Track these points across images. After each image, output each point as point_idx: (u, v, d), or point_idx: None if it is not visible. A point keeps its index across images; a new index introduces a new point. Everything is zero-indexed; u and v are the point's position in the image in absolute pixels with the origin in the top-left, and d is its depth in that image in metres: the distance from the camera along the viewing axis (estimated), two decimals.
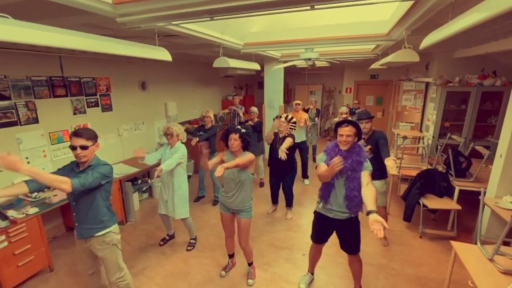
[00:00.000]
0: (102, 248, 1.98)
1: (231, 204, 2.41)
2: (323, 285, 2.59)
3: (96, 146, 1.91)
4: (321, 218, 2.26)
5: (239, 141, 2.28)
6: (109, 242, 1.99)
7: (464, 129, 4.55)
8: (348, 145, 2.03)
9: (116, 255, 2.06)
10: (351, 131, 2.01)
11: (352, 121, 2.06)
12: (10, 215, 2.53)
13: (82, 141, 1.79)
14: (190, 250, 3.08)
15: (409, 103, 5.62)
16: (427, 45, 1.88)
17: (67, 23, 2.21)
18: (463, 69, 4.65)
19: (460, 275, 2.53)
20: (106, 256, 2.01)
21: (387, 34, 3.00)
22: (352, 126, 2.02)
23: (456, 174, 3.35)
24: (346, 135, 2.01)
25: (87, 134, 1.84)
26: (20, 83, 2.97)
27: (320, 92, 8.86)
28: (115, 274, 2.07)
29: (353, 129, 2.01)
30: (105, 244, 1.98)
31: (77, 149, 1.79)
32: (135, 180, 4.21)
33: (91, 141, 1.85)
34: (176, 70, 5.55)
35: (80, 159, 1.83)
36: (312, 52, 3.63)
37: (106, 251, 2.00)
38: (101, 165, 1.88)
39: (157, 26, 2.19)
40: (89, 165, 1.88)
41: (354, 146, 2.06)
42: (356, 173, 2.02)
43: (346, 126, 2.02)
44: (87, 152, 1.83)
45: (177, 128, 2.91)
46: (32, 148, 3.14)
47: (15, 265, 2.46)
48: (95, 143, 1.90)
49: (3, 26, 1.16)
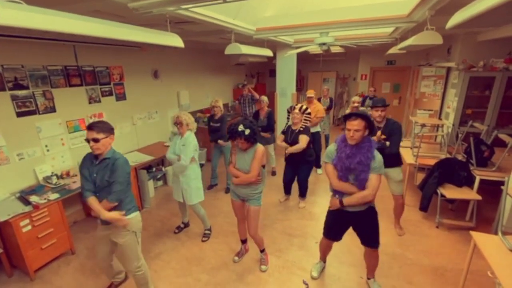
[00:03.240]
0: (123, 234, 2.03)
1: (240, 191, 2.43)
2: (336, 273, 2.59)
3: (110, 139, 1.93)
4: (337, 213, 2.15)
5: (245, 143, 2.26)
6: (129, 229, 2.04)
7: (487, 116, 4.33)
8: (355, 140, 1.88)
9: (135, 243, 2.10)
10: (359, 125, 1.84)
11: (361, 114, 1.89)
12: (33, 200, 2.64)
13: (94, 134, 1.84)
14: (205, 241, 3.11)
15: (428, 89, 5.38)
16: (454, 24, 1.76)
17: (79, 10, 2.20)
18: (488, 53, 4.37)
19: (478, 266, 2.46)
20: (126, 243, 2.05)
21: (408, 15, 2.83)
22: (361, 119, 1.85)
23: (477, 163, 3.21)
24: (354, 130, 1.85)
25: (99, 128, 1.87)
26: (37, 73, 3.03)
27: (334, 80, 8.62)
28: (133, 263, 2.11)
29: (362, 122, 1.84)
30: (125, 230, 2.03)
31: (90, 142, 1.85)
32: (150, 168, 4.30)
33: (103, 134, 1.87)
34: (188, 58, 5.52)
35: (94, 151, 1.89)
36: (327, 36, 3.50)
37: (126, 238, 2.04)
38: (120, 164, 1.91)
39: (169, 11, 2.15)
40: (104, 158, 1.92)
41: (364, 141, 1.91)
42: (365, 169, 1.90)
43: (354, 119, 1.85)
44: (99, 144, 1.86)
45: (187, 117, 2.87)
46: (51, 136, 3.24)
47: (39, 247, 2.58)
48: (109, 135, 1.91)
49: (17, 12, 1.16)
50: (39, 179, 3.09)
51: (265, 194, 4.06)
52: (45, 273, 2.66)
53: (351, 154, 1.92)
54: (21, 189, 2.93)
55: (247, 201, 2.47)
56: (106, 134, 1.89)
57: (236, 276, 2.57)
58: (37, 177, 3.10)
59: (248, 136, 2.21)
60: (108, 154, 1.94)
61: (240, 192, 2.45)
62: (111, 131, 1.94)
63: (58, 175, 3.15)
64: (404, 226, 3.20)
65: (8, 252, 2.61)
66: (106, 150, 1.93)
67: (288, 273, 2.59)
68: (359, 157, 1.89)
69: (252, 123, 2.27)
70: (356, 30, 3.43)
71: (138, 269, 2.16)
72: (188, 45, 3.50)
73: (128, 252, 2.08)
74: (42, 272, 2.66)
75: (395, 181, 2.88)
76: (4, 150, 2.82)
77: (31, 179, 3.08)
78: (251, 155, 2.33)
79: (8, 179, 2.87)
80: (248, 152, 2.34)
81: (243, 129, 2.19)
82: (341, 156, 1.97)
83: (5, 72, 2.77)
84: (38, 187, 2.96)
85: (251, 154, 2.33)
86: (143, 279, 2.22)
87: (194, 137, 2.92)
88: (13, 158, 2.91)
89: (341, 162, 1.97)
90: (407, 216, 3.42)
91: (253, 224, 2.49)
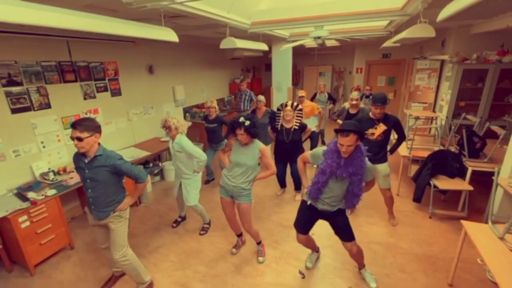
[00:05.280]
0: (116, 221, 2.12)
1: (230, 188, 2.43)
2: (331, 262, 2.65)
3: (96, 137, 1.91)
4: (307, 207, 2.23)
5: (245, 135, 2.29)
6: (123, 215, 2.14)
7: (480, 108, 4.39)
8: (348, 154, 1.92)
9: (125, 229, 2.18)
10: (351, 140, 1.84)
11: (353, 130, 1.84)
12: (30, 196, 2.65)
13: (77, 133, 1.82)
14: (202, 234, 3.15)
15: (423, 82, 5.42)
16: (445, 16, 1.78)
17: (71, 4, 2.18)
18: (481, 45, 4.41)
19: (469, 254, 2.54)
20: (117, 229, 2.12)
21: (401, 8, 2.85)
22: (353, 134, 1.84)
23: (469, 154, 3.28)
24: (347, 145, 1.87)
25: (83, 126, 1.84)
26: (30, 69, 3.00)
27: (330, 73, 8.63)
28: (120, 250, 2.13)
29: (354, 137, 1.84)
30: (119, 217, 2.13)
31: (74, 140, 1.84)
32: (147, 163, 4.31)
33: (87, 133, 1.84)
34: (183, 53, 5.49)
35: (79, 150, 1.90)
36: (322, 30, 3.51)
37: (119, 224, 2.13)
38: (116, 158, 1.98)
39: (162, 5, 2.14)
40: (96, 156, 1.93)
41: (356, 152, 1.94)
42: (357, 176, 1.97)
43: (346, 135, 1.83)
44: (83, 143, 1.85)
45: (175, 121, 2.79)
46: (46, 133, 3.23)
47: (38, 243, 2.61)
48: (94, 134, 1.88)
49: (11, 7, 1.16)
50: (36, 176, 3.10)
51: (262, 187, 4.12)
52: (45, 268, 2.69)
53: (343, 165, 1.95)
54: (18, 186, 2.93)
55: (236, 198, 2.48)
56: (90, 133, 1.86)
57: (234, 268, 2.62)
58: (34, 173, 3.10)
59: (248, 127, 2.24)
60: (99, 152, 1.94)
61: (230, 188, 2.44)
62: (96, 130, 1.90)
63: (55, 172, 3.16)
64: (398, 216, 3.27)
65: (7, 248, 2.63)
66: (93, 149, 1.92)
67: (285, 264, 2.65)
68: (351, 169, 1.94)
69: (253, 117, 2.31)
70: (350, 23, 3.44)
71: (124, 259, 2.15)
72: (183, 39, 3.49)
73: (117, 238, 2.13)
74: (42, 267, 2.69)
75: (382, 176, 2.96)
76: (0, 147, 2.82)
77: (28, 175, 3.08)
78: (253, 151, 2.37)
79: (4, 176, 2.87)
80: (249, 147, 2.37)
81: (243, 120, 2.25)
82: (332, 165, 1.97)
83: None
84: (35, 183, 2.97)
85: (253, 150, 2.37)
86: (132, 270, 2.22)
87: (187, 141, 2.82)
88: (9, 155, 2.91)
89: (331, 170, 1.99)
90: (400, 207, 3.49)
91: (246, 220, 2.53)
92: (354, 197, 2.06)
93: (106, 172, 1.97)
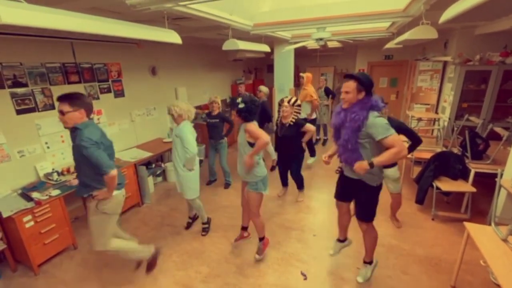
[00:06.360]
0: (91, 212, 2.05)
1: (239, 166, 2.48)
2: (333, 263, 2.64)
3: (79, 113, 1.82)
4: (341, 173, 2.25)
5: (237, 116, 2.32)
6: (100, 208, 2.03)
7: (483, 110, 4.37)
8: (347, 103, 1.86)
9: (102, 225, 2.06)
10: (350, 87, 1.80)
11: (353, 75, 1.83)
12: (35, 196, 2.68)
13: (60, 106, 1.78)
14: (204, 235, 3.13)
15: (425, 84, 5.42)
16: (448, 18, 1.78)
17: (76, 7, 2.21)
18: (484, 47, 4.40)
19: (471, 256, 2.53)
20: (92, 222, 2.04)
21: (404, 10, 2.85)
22: (353, 81, 1.80)
23: (472, 156, 3.26)
24: (345, 92, 1.84)
25: (66, 99, 1.78)
26: (35, 70, 3.04)
27: (332, 75, 8.63)
28: (96, 245, 2.08)
29: (352, 84, 1.80)
30: (96, 209, 2.03)
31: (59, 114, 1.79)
32: (149, 164, 4.33)
33: (69, 107, 1.78)
34: (185, 55, 5.52)
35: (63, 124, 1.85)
36: (324, 31, 3.52)
37: (94, 217, 2.05)
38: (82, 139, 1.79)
39: (166, 8, 2.16)
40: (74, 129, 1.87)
41: (355, 104, 1.83)
42: (350, 130, 1.86)
43: (347, 81, 1.82)
44: (66, 118, 1.80)
45: (178, 108, 2.76)
46: (50, 134, 3.26)
47: (42, 242, 2.63)
48: (78, 110, 1.80)
49: (18, 10, 1.18)
50: (40, 176, 3.13)
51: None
52: (48, 268, 2.71)
53: (342, 114, 1.94)
54: (22, 186, 2.96)
55: (247, 184, 2.51)
56: (73, 108, 1.79)
57: (236, 268, 2.63)
58: (38, 174, 3.13)
59: (239, 109, 2.27)
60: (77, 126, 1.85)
61: (240, 171, 2.48)
62: (81, 105, 1.80)
63: (59, 172, 3.18)
64: (400, 218, 3.26)
65: (12, 247, 2.65)
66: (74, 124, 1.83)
67: (287, 265, 2.65)
68: (343, 116, 1.90)
69: (252, 101, 2.29)
70: (353, 24, 3.44)
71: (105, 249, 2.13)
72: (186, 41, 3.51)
73: (93, 231, 2.07)
74: (46, 267, 2.71)
75: (392, 180, 2.92)
76: (5, 147, 2.85)
77: (32, 176, 3.11)
78: (242, 131, 2.37)
79: (9, 176, 2.90)
80: (241, 127, 2.39)
81: (239, 101, 2.27)
82: (334, 115, 2.05)
83: (4, 70, 2.78)
84: (39, 183, 2.99)
85: (242, 130, 2.37)
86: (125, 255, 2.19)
87: (189, 126, 2.80)
88: (14, 155, 2.94)
89: (333, 121, 2.05)
90: (403, 208, 3.47)
91: (251, 207, 2.55)
92: (346, 151, 1.94)
93: (77, 151, 1.87)
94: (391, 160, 1.85)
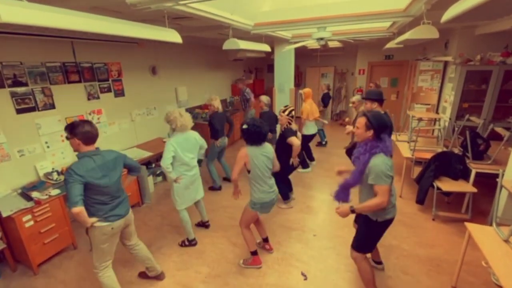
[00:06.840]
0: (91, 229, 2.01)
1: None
2: (333, 264, 2.64)
3: (74, 141, 1.83)
4: None
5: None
6: (91, 233, 1.99)
7: (484, 110, 4.36)
8: (358, 138, 1.95)
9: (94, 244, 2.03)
10: (360, 122, 1.89)
11: (364, 113, 1.92)
12: (34, 196, 2.67)
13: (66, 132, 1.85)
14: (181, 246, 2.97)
15: (426, 84, 5.40)
16: (449, 18, 1.77)
17: (76, 6, 2.20)
18: (485, 47, 4.39)
19: (472, 257, 2.53)
20: (91, 237, 2.02)
21: (404, 9, 2.84)
22: (363, 118, 1.88)
23: (473, 156, 3.26)
24: (356, 127, 1.94)
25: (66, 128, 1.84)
26: (35, 70, 3.03)
27: (332, 75, 8.62)
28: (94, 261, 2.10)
29: (362, 120, 1.86)
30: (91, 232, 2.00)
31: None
32: (149, 164, 4.32)
33: (68, 135, 1.83)
34: (186, 54, 5.51)
35: None
36: (324, 31, 3.50)
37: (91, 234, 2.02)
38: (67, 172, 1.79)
39: (166, 7, 2.15)
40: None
41: (366, 142, 1.88)
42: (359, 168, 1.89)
43: (360, 117, 1.93)
44: (70, 144, 1.87)
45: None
46: (50, 133, 3.25)
47: (41, 242, 2.62)
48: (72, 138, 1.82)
49: (18, 9, 1.17)
50: (40, 176, 3.12)
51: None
52: (48, 268, 2.70)
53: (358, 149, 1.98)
54: (22, 185, 2.96)
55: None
56: (69, 136, 1.83)
57: (236, 268, 2.62)
58: (38, 173, 3.12)
59: (242, 131, 2.34)
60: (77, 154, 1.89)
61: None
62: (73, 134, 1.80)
63: (59, 171, 3.18)
64: (401, 218, 3.26)
65: (11, 247, 2.65)
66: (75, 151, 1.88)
67: (287, 265, 2.65)
68: (360, 152, 1.93)
69: (255, 123, 2.30)
70: (353, 24, 3.43)
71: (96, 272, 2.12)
72: (186, 41, 3.51)
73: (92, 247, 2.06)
74: (46, 267, 2.71)
75: None
76: (5, 146, 2.84)
77: (32, 175, 3.11)
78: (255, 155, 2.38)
79: (9, 175, 2.89)
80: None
81: (243, 124, 2.33)
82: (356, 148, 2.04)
83: (4, 69, 2.77)
84: (39, 183, 2.99)
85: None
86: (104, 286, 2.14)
87: (175, 139, 2.73)
88: (14, 154, 2.93)
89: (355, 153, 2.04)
90: (404, 208, 3.47)
91: (241, 218, 2.59)
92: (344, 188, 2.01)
93: None
94: (371, 211, 1.92)
